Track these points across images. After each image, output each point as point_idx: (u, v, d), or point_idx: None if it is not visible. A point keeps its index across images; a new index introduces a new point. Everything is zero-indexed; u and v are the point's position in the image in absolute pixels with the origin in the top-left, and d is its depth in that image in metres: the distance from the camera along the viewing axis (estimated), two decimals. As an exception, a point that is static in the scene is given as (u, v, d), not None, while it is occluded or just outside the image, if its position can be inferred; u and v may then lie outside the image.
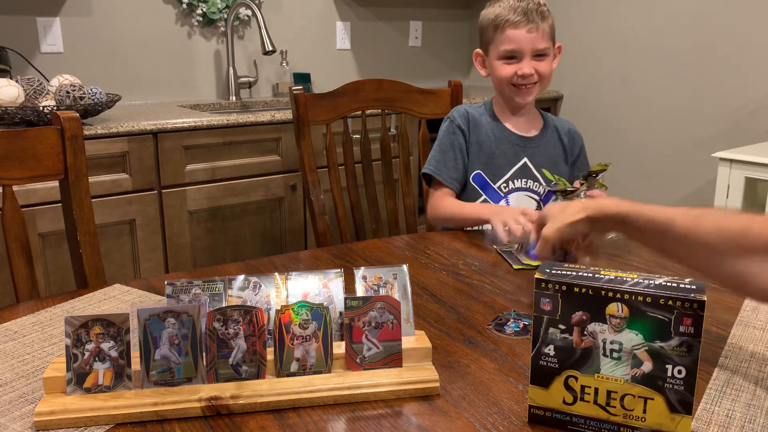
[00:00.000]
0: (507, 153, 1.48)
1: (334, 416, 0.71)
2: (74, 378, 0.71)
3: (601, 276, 0.65)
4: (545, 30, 1.42)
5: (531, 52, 1.42)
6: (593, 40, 2.91)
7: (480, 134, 1.49)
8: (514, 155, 1.48)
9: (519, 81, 1.43)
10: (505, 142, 1.49)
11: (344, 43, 3.00)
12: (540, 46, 1.41)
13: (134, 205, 1.97)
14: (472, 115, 1.51)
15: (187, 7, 2.53)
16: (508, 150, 1.48)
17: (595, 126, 2.96)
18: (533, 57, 1.42)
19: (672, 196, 2.74)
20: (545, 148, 1.51)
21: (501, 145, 1.48)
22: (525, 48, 1.41)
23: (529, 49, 1.41)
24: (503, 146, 1.48)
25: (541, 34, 1.41)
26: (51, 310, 0.98)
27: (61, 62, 2.30)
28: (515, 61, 1.43)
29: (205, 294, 0.79)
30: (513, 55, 1.42)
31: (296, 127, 1.65)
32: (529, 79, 1.43)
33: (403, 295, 0.82)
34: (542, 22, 1.41)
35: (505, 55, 1.43)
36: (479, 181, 1.48)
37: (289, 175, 2.25)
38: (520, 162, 1.49)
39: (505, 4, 1.42)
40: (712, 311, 0.96)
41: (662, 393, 0.63)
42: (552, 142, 1.53)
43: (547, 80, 1.46)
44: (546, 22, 1.42)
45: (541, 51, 1.42)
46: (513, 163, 1.48)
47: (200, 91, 2.65)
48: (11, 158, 1.14)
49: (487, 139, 1.48)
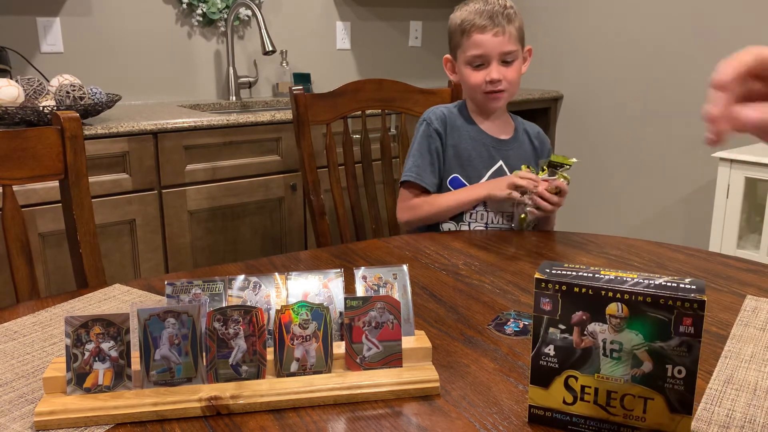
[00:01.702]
0: (483, 155, 1.48)
1: (334, 416, 0.71)
2: (74, 378, 0.71)
3: (601, 276, 0.65)
4: (512, 33, 1.40)
5: (498, 57, 1.40)
6: (593, 40, 2.91)
7: (457, 137, 1.47)
8: (489, 158, 1.48)
9: (489, 87, 1.42)
10: (481, 144, 1.48)
11: (344, 43, 3.00)
12: (507, 49, 1.40)
13: (134, 205, 1.97)
14: (449, 117, 1.49)
15: (187, 7, 2.53)
16: (484, 152, 1.48)
17: (594, 126, 2.96)
18: (501, 62, 1.41)
19: (672, 196, 2.74)
20: (518, 150, 1.51)
21: (477, 148, 1.47)
22: (492, 52, 1.40)
23: (497, 54, 1.40)
24: (479, 149, 1.47)
25: (508, 37, 1.39)
26: (51, 310, 0.98)
27: (61, 62, 2.30)
28: (483, 67, 1.42)
29: (205, 294, 0.79)
30: (480, 60, 1.41)
31: (296, 127, 1.65)
32: (498, 85, 1.42)
33: (403, 295, 0.82)
34: (509, 24, 1.39)
35: (473, 61, 1.42)
36: (457, 185, 1.46)
37: (289, 175, 2.25)
38: (496, 165, 1.48)
39: (472, 8, 1.41)
40: (712, 311, 0.96)
41: (662, 393, 0.63)
42: (524, 144, 1.53)
43: (516, 86, 1.46)
44: (513, 24, 1.40)
45: (509, 54, 1.41)
46: (489, 166, 1.48)
47: (200, 91, 2.65)
48: (11, 158, 1.14)
49: (464, 142, 1.47)
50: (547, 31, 3.06)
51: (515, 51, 1.42)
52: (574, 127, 3.05)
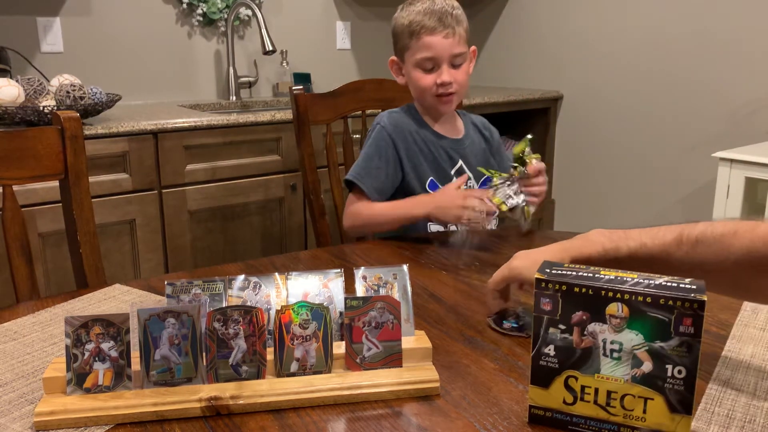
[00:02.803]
0: (443, 157, 1.46)
1: (334, 416, 0.71)
2: (74, 378, 0.71)
3: (601, 276, 0.65)
4: (461, 34, 1.38)
5: (449, 59, 1.38)
6: (593, 40, 2.91)
7: (412, 141, 1.44)
8: (449, 159, 1.46)
9: (440, 90, 1.39)
10: (438, 147, 1.46)
11: (344, 43, 3.00)
12: (456, 51, 1.38)
13: (134, 205, 1.97)
14: (402, 122, 1.45)
15: (187, 7, 2.53)
16: (443, 154, 1.46)
17: (594, 126, 2.96)
18: (451, 64, 1.39)
19: (672, 196, 2.74)
20: (472, 147, 1.50)
21: (438, 150, 1.46)
22: (442, 55, 1.37)
23: (447, 56, 1.37)
24: (440, 151, 1.46)
25: (458, 38, 1.38)
26: (51, 310, 0.98)
27: (61, 62, 2.30)
28: (433, 69, 1.39)
29: (205, 294, 0.79)
30: (431, 63, 1.39)
31: (296, 127, 1.65)
32: (449, 88, 1.39)
33: (403, 295, 0.82)
34: (458, 26, 1.38)
35: (423, 64, 1.39)
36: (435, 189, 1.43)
37: (289, 175, 2.25)
38: (457, 165, 1.47)
39: (419, 8, 1.38)
40: (712, 311, 0.96)
41: (662, 393, 0.63)
42: (476, 139, 1.52)
43: (465, 87, 1.44)
44: (461, 26, 1.39)
45: (459, 57, 1.39)
46: (451, 166, 1.47)
47: (200, 91, 2.65)
48: (11, 158, 1.14)
49: (422, 146, 1.44)
50: (547, 31, 3.06)
51: (465, 53, 1.40)
52: (574, 127, 3.05)
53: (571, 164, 3.06)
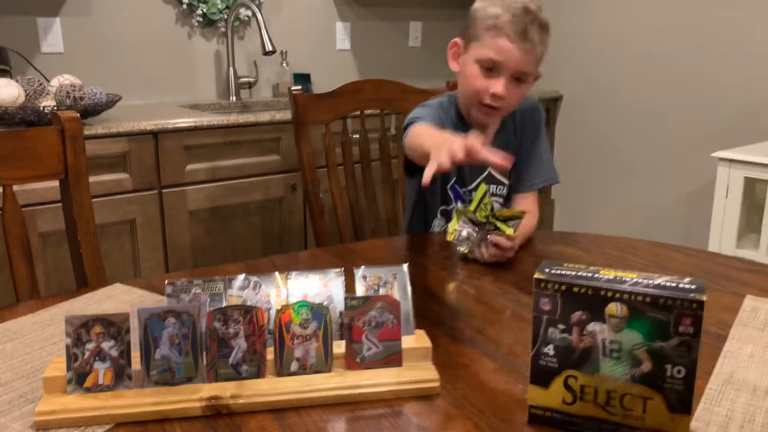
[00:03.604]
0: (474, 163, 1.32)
1: (334, 416, 0.71)
2: (74, 377, 0.71)
3: (600, 276, 0.65)
4: (537, 55, 1.28)
5: (514, 72, 1.27)
6: (593, 40, 2.92)
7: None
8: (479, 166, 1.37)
9: (487, 100, 1.29)
10: None
11: (344, 44, 3.00)
12: (525, 69, 1.27)
13: (134, 205, 1.97)
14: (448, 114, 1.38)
15: (187, 7, 2.53)
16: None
17: (594, 126, 2.96)
18: (512, 78, 1.28)
19: (671, 196, 2.74)
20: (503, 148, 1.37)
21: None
22: (510, 65, 1.26)
23: (514, 68, 1.26)
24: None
25: (533, 58, 1.27)
26: (51, 309, 0.98)
27: (61, 62, 2.30)
28: (493, 74, 1.28)
29: (205, 294, 0.79)
30: (493, 66, 1.27)
31: (296, 128, 1.65)
32: (498, 102, 1.28)
33: (403, 295, 0.82)
34: (540, 44, 1.26)
35: (486, 63, 1.28)
36: (455, 194, 1.36)
37: (289, 175, 2.25)
38: (485, 172, 1.41)
39: (510, 5, 1.25)
40: (712, 311, 0.96)
41: (662, 393, 0.63)
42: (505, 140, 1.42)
43: (512, 108, 1.35)
44: (542, 45, 1.27)
45: (524, 75, 1.28)
46: (479, 173, 1.40)
47: (200, 91, 2.65)
48: (11, 158, 1.14)
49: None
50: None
51: (531, 74, 1.30)
52: (574, 127, 3.05)
53: (570, 164, 3.06)
